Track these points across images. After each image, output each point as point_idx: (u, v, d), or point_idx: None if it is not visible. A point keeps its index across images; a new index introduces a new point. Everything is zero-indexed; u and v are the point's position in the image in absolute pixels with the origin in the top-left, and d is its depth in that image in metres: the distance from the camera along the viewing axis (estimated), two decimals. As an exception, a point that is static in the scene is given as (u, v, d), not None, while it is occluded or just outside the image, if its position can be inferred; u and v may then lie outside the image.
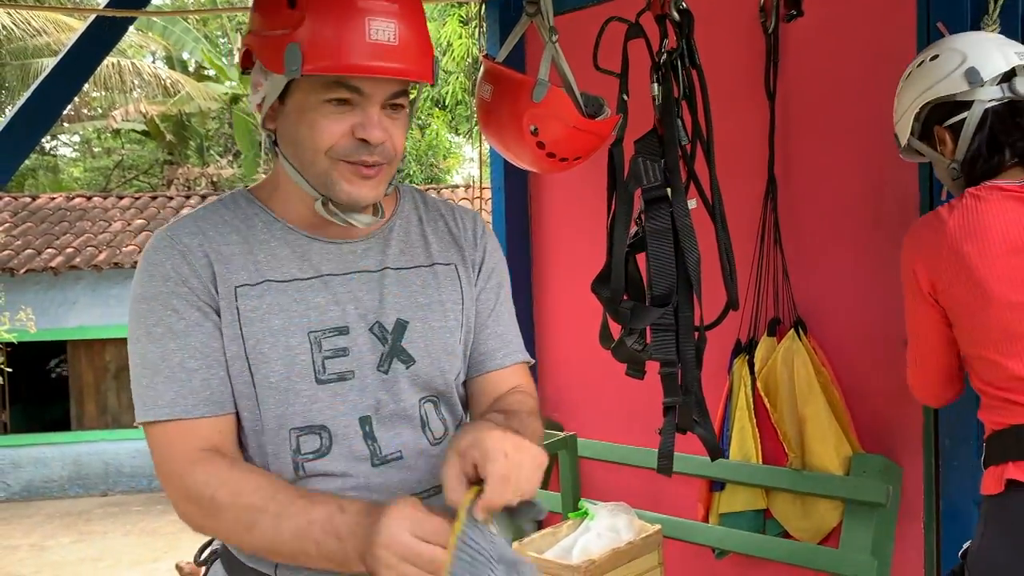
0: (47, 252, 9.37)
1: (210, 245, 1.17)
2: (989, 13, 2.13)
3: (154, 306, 1.15)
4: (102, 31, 2.84)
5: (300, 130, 1.15)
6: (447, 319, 1.26)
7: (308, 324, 1.17)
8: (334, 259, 1.22)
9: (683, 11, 1.98)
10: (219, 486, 1.10)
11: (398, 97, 1.16)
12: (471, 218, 1.38)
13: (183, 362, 1.13)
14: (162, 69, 14.39)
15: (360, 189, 1.16)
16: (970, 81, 1.69)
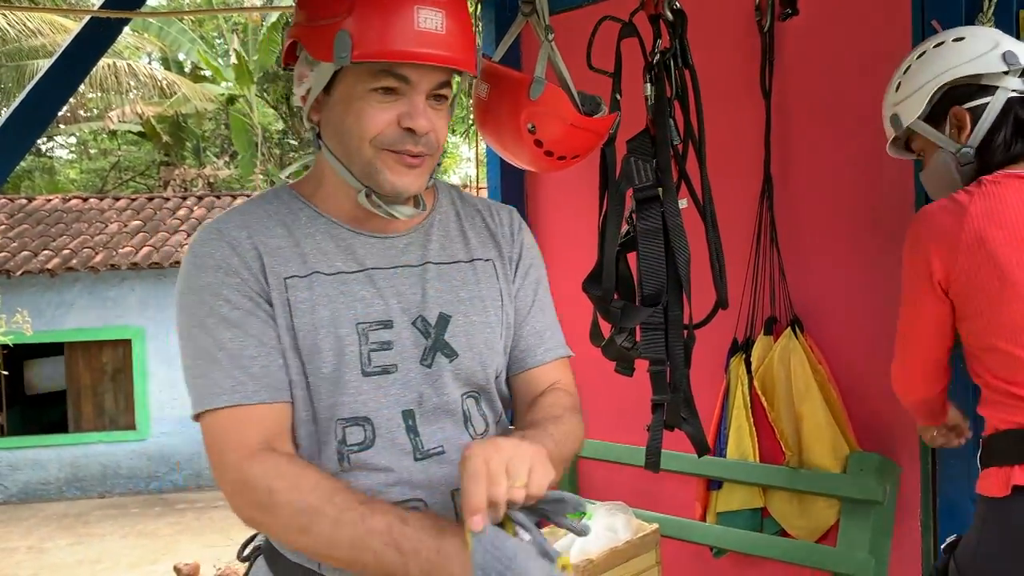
0: (43, 254, 9.35)
1: (257, 238, 1.18)
2: (984, 11, 2.13)
3: (204, 296, 1.14)
4: (97, 32, 2.83)
5: (346, 119, 1.16)
6: (487, 314, 1.27)
7: (355, 316, 1.17)
8: (378, 253, 1.22)
9: (676, 11, 1.98)
10: (276, 479, 1.08)
11: (442, 88, 1.17)
12: (508, 214, 1.38)
13: (241, 349, 1.13)
14: (158, 70, 14.38)
15: (403, 179, 1.17)
16: (1009, 64, 1.66)
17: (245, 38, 16.14)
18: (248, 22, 16.03)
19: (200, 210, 10.94)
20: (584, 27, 2.06)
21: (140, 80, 13.42)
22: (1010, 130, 1.65)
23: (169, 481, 9.80)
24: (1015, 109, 1.66)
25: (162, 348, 9.75)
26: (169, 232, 10.08)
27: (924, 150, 1.83)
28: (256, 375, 1.13)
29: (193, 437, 9.82)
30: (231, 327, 1.13)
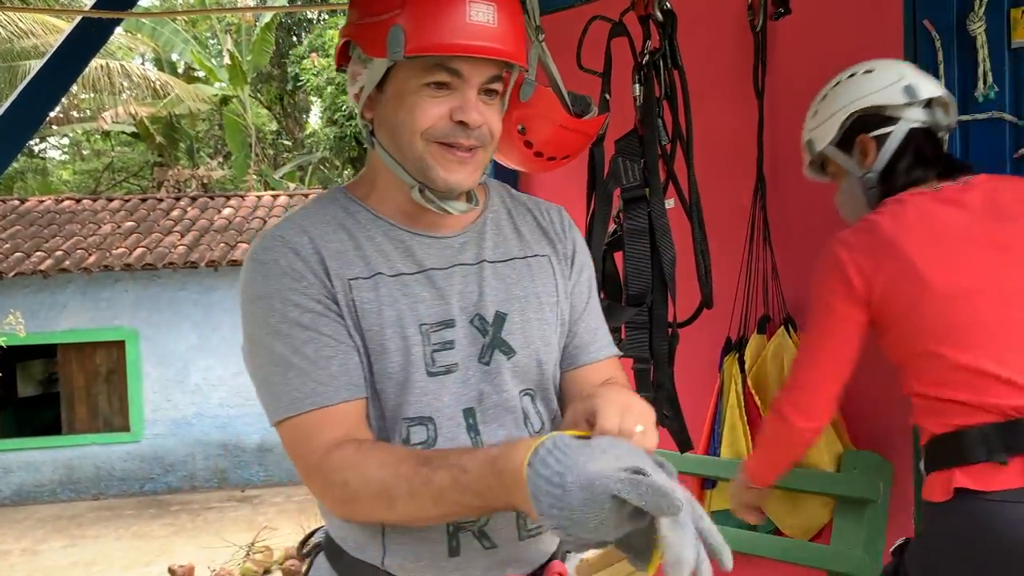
0: (36, 255, 9.32)
1: (318, 242, 1.18)
2: (975, 11, 2.14)
3: (274, 303, 1.15)
4: (88, 32, 2.83)
5: (398, 114, 1.16)
6: (543, 311, 1.27)
7: (418, 317, 1.18)
8: (435, 254, 1.23)
9: (667, 11, 1.99)
10: (348, 470, 1.09)
11: (494, 82, 1.17)
12: (557, 212, 1.38)
13: (318, 351, 1.14)
14: (151, 71, 14.36)
15: (455, 174, 1.17)
16: (909, 96, 1.80)
17: (239, 38, 16.12)
18: (241, 22, 16.00)
19: (194, 211, 10.91)
20: (574, 27, 2.06)
21: (133, 81, 13.39)
22: (910, 158, 1.78)
23: (163, 483, 9.78)
24: (916, 138, 1.79)
25: (156, 350, 9.73)
26: (163, 233, 10.05)
27: (836, 174, 1.94)
28: (335, 374, 1.14)
29: (187, 439, 9.81)
30: (305, 330, 1.14)
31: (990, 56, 2.13)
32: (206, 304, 9.77)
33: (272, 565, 6.90)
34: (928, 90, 1.82)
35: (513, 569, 1.20)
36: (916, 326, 1.64)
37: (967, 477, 1.55)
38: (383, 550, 1.18)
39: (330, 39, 15.51)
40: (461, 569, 1.17)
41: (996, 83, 2.14)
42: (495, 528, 1.18)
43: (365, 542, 1.19)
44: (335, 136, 15.19)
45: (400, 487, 1.06)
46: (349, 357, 1.15)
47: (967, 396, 1.58)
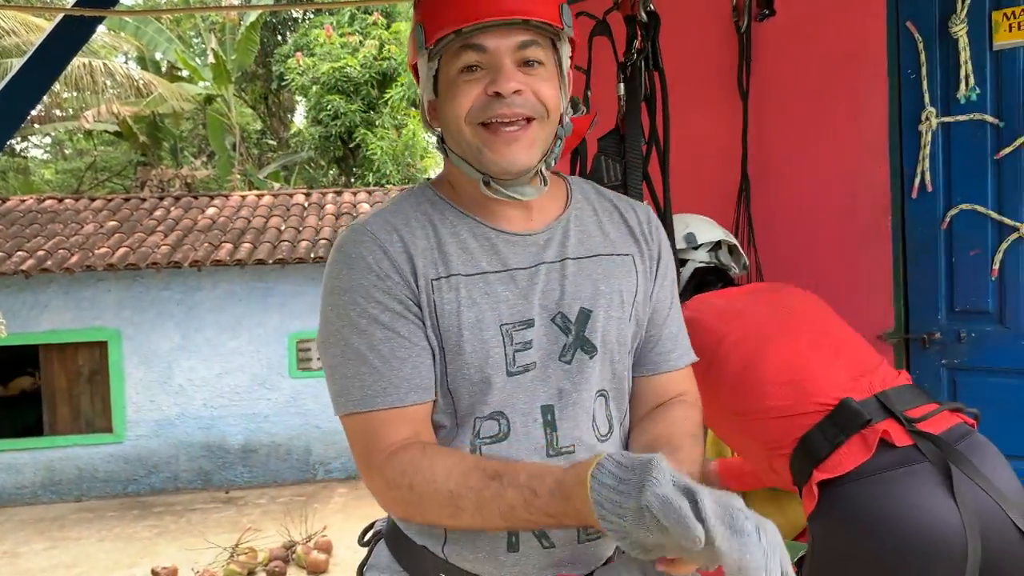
0: (18, 255, 9.23)
1: (407, 239, 1.18)
2: (957, 13, 2.15)
3: (356, 297, 1.15)
4: (70, 31, 2.80)
5: (447, 108, 1.16)
6: (624, 309, 1.25)
7: (499, 318, 1.17)
8: (520, 252, 1.21)
9: (650, 13, 1.99)
10: (414, 474, 1.10)
11: (528, 48, 1.14)
12: (644, 211, 1.35)
13: (393, 351, 1.14)
14: (135, 70, 14.26)
15: (506, 155, 1.14)
16: (688, 243, 2.09)
17: (223, 37, 16.04)
18: (226, 21, 15.92)
19: (177, 211, 10.84)
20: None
21: (116, 80, 13.29)
22: (691, 289, 2.08)
23: (146, 484, 9.71)
24: (698, 275, 2.10)
25: (139, 350, 9.65)
26: (146, 233, 9.97)
27: None
28: (407, 376, 1.15)
29: (171, 440, 9.75)
30: (383, 328, 1.14)
31: (972, 58, 2.15)
32: (189, 304, 9.71)
33: (256, 567, 6.87)
34: (707, 236, 2.11)
35: (569, 569, 1.20)
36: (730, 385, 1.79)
37: (824, 471, 1.62)
38: (444, 536, 1.19)
39: (315, 38, 15.45)
40: (519, 565, 1.18)
41: (978, 85, 2.16)
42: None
43: (429, 528, 1.20)
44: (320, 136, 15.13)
45: (468, 498, 1.07)
46: (422, 360, 1.16)
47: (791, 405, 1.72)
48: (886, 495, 1.53)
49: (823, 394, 1.69)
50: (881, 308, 2.34)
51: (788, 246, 2.50)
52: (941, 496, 1.49)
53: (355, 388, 1.15)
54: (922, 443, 1.56)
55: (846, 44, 2.37)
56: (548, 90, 1.16)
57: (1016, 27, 2.10)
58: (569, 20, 1.17)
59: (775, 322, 1.89)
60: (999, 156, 2.14)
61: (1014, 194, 2.13)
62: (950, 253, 2.25)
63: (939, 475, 1.51)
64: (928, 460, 1.54)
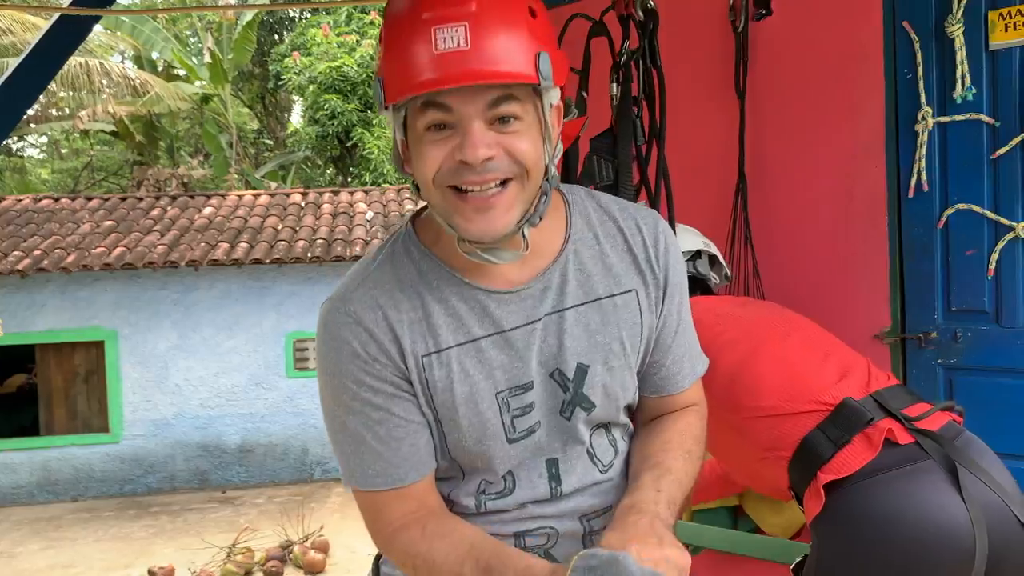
0: (14, 255, 9.22)
1: (391, 316, 1.13)
2: (953, 13, 2.16)
3: (346, 383, 1.13)
4: (67, 30, 2.80)
5: (415, 164, 1.08)
6: (625, 355, 1.20)
7: (494, 386, 1.14)
8: (514, 311, 1.14)
9: (649, 10, 1.99)
10: (415, 556, 1.12)
11: (502, 104, 1.02)
12: (651, 227, 1.23)
13: (389, 432, 1.13)
14: (131, 69, 14.23)
15: (477, 224, 1.05)
16: None
17: (220, 37, 16.02)
18: (223, 21, 15.90)
19: (174, 210, 10.83)
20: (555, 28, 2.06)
21: (112, 79, 13.26)
22: None
23: (143, 484, 9.69)
24: None
25: (135, 350, 9.65)
26: (142, 232, 9.96)
27: None
28: (406, 455, 1.14)
29: (167, 440, 9.74)
30: (377, 410, 1.13)
31: (968, 58, 2.16)
32: (186, 304, 9.70)
33: (253, 567, 6.86)
34: (685, 246, 2.04)
35: None
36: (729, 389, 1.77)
37: (830, 473, 1.60)
38: None
39: (311, 37, 15.44)
40: None
41: (974, 84, 2.16)
42: None
43: None
44: (317, 135, 15.13)
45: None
46: (419, 436, 1.15)
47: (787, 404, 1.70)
48: (894, 493, 1.53)
49: (820, 392, 1.69)
50: (877, 307, 2.35)
51: (785, 245, 2.50)
52: (948, 492, 1.49)
53: (356, 468, 1.16)
54: (924, 441, 1.56)
55: (843, 44, 2.38)
56: (525, 147, 1.04)
57: (1012, 27, 2.10)
58: (547, 68, 1.03)
59: (766, 323, 1.90)
60: (995, 156, 2.15)
61: (1010, 194, 2.14)
62: (946, 253, 2.25)
63: (944, 472, 1.51)
64: (932, 457, 1.54)
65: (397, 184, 13.99)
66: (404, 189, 12.12)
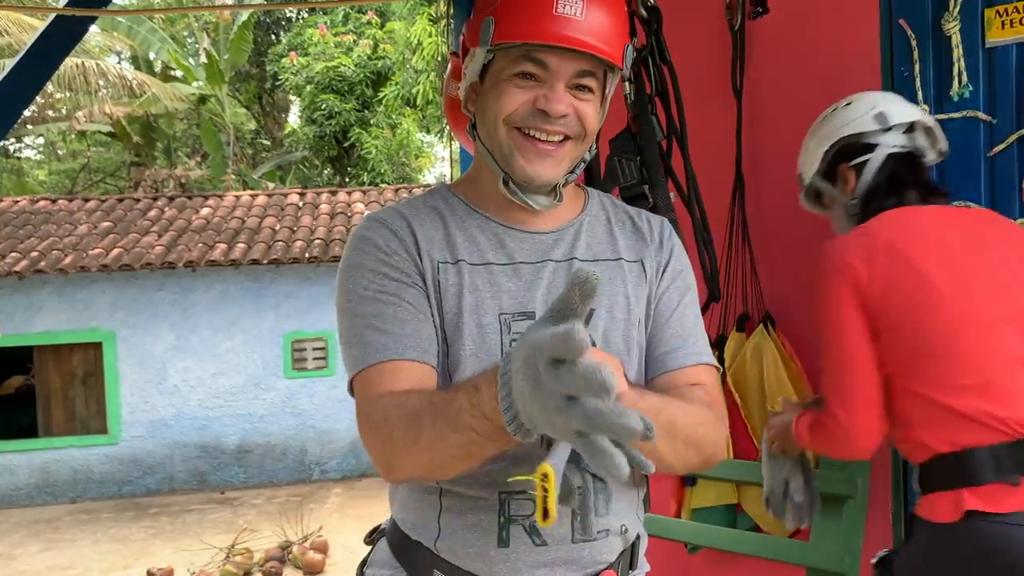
0: (11, 256, 9.21)
1: (415, 226, 1.23)
2: (949, 11, 2.16)
3: (364, 272, 1.20)
4: (63, 30, 2.79)
5: (488, 102, 1.20)
6: (629, 312, 1.26)
7: (499, 307, 1.20)
8: (527, 248, 1.25)
9: (651, 8, 1.99)
10: (391, 407, 1.11)
11: (585, 77, 1.18)
12: (659, 221, 1.38)
13: (395, 314, 1.17)
14: (128, 70, 14.22)
15: (536, 166, 1.19)
16: (879, 124, 1.83)
17: (216, 37, 16.01)
18: (219, 21, 15.89)
19: (171, 211, 10.82)
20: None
21: (109, 80, 13.25)
22: (886, 183, 1.80)
23: (142, 485, 9.69)
24: (892, 164, 1.81)
25: (133, 351, 9.64)
26: (140, 233, 9.96)
27: (828, 204, 1.98)
28: (408, 335, 1.16)
29: (166, 441, 9.74)
30: (389, 295, 1.18)
31: (965, 55, 2.16)
32: (184, 305, 9.70)
33: (252, 567, 6.86)
34: (901, 115, 1.84)
35: (564, 571, 1.19)
36: (918, 326, 1.60)
37: (977, 498, 1.51)
38: (438, 531, 1.20)
39: (309, 38, 15.43)
40: (509, 561, 1.18)
41: (971, 82, 2.16)
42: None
43: (423, 523, 1.22)
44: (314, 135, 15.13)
45: (427, 411, 1.06)
46: (424, 324, 1.19)
47: (975, 409, 1.53)
48: None
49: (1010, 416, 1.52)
50: (875, 305, 2.35)
51: (782, 243, 2.50)
52: None
53: (359, 351, 1.17)
54: None
55: (839, 41, 2.38)
56: (591, 117, 1.20)
57: (1009, 24, 2.10)
58: (628, 59, 1.23)
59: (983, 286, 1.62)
60: (992, 153, 2.14)
61: (1007, 190, 2.13)
62: (944, 250, 2.25)
63: None
64: None
65: (395, 184, 13.99)
66: (402, 189, 12.12)
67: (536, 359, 0.80)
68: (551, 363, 0.78)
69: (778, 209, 2.51)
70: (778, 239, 2.51)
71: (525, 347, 0.83)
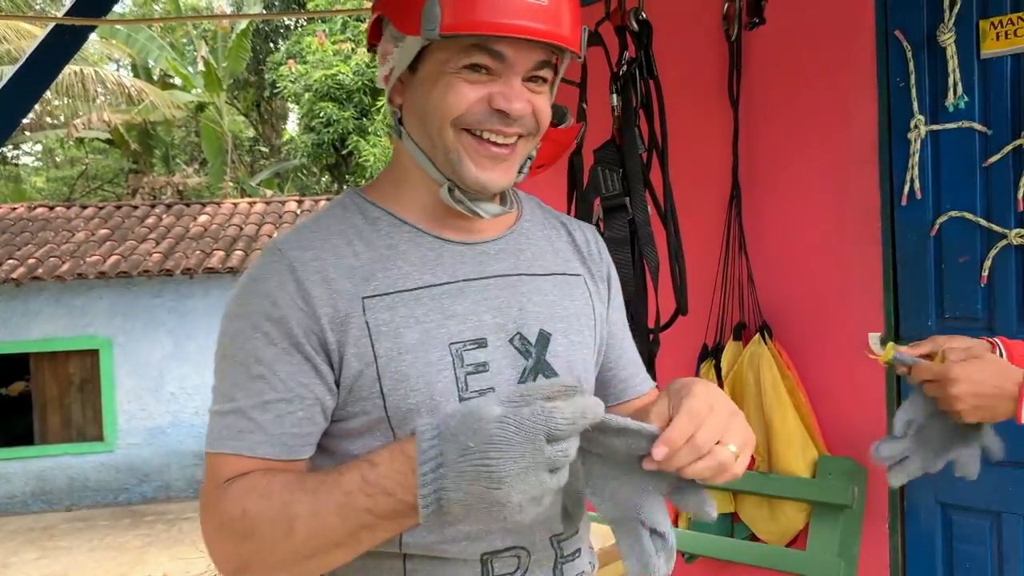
0: (8, 263, 9.20)
1: (325, 258, 1.02)
2: (945, 22, 2.17)
3: (244, 325, 1.01)
4: (62, 39, 2.80)
5: (430, 99, 1.01)
6: (583, 334, 1.14)
7: (448, 336, 1.02)
8: (469, 262, 1.08)
9: (642, 21, 2.00)
10: (247, 494, 0.95)
11: (542, 68, 1.02)
12: (592, 231, 1.26)
13: (262, 392, 0.99)
14: (126, 77, 14.23)
15: (488, 172, 1.02)
16: None
17: (215, 45, 16.03)
18: (218, 29, 15.92)
19: (169, 218, 10.82)
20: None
21: (107, 87, 13.26)
22: None
23: (138, 493, 9.66)
24: None
25: (130, 358, 9.62)
26: (138, 240, 9.95)
27: None
28: (265, 425, 0.98)
29: (162, 448, 9.70)
30: (260, 364, 0.99)
31: (960, 66, 2.17)
32: (181, 312, 9.68)
33: (249, 575, 6.84)
34: None
35: None
36: None
37: None
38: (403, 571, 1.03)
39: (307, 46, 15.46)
40: None
41: (966, 93, 2.17)
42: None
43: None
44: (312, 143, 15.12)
45: (303, 502, 0.92)
46: (292, 410, 0.99)
47: None
48: None
49: None
50: (871, 315, 2.35)
51: (779, 253, 2.51)
52: None
53: (216, 425, 1.00)
54: None
55: (835, 53, 2.39)
56: (546, 109, 1.06)
57: (1003, 36, 2.12)
58: (583, 46, 1.07)
59: None
60: (987, 163, 2.15)
61: (1002, 201, 2.14)
62: (939, 260, 2.26)
63: None
64: None
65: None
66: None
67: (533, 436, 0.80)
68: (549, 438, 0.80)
69: (774, 218, 2.52)
70: (775, 248, 2.52)
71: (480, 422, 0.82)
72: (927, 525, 2.28)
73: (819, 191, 2.43)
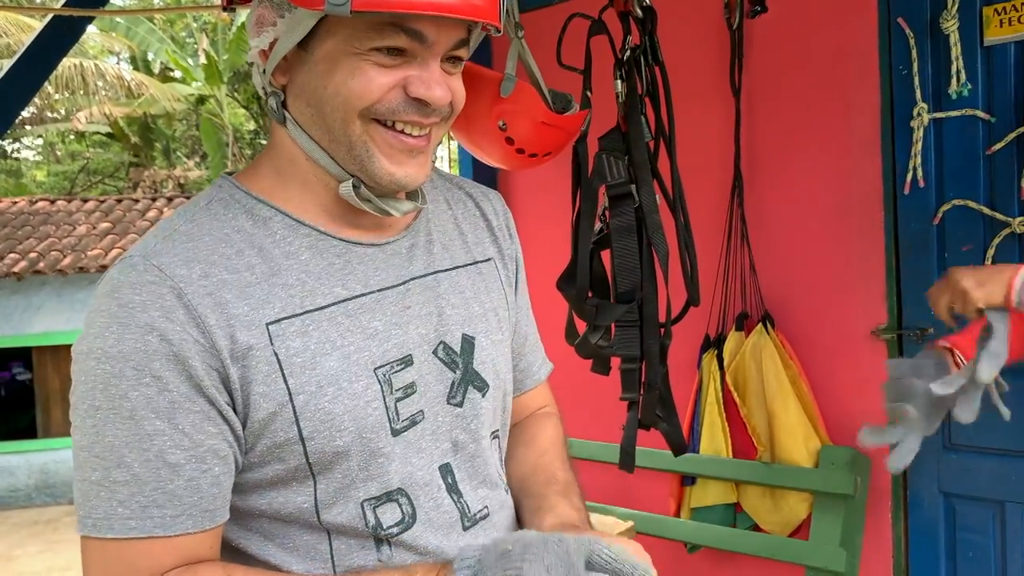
0: (10, 257, 9.20)
1: (216, 274, 0.84)
2: (948, 9, 2.16)
3: (123, 368, 0.79)
4: (60, 31, 2.79)
5: (330, 84, 0.84)
6: (502, 331, 1.03)
7: (371, 359, 0.88)
8: (382, 267, 0.93)
9: (646, 8, 1.98)
10: None
11: (461, 47, 0.88)
12: (497, 198, 1.13)
13: (164, 453, 0.80)
14: (126, 71, 14.22)
15: (406, 168, 0.88)
16: None
17: (215, 37, 16.00)
18: (218, 21, 15.88)
19: (170, 212, 10.80)
20: (554, 25, 2.06)
21: (107, 81, 13.25)
22: None
23: (141, 486, 9.70)
24: None
25: (133, 351, 9.64)
26: (139, 234, 9.95)
27: None
28: (178, 493, 0.80)
29: (165, 441, 9.74)
30: (157, 417, 0.79)
31: (963, 54, 2.16)
32: (183, 305, 9.70)
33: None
34: None
35: None
36: None
37: None
38: None
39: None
40: None
41: (969, 80, 2.16)
42: None
43: None
44: (313, 136, 15.11)
45: None
46: (205, 470, 0.82)
47: None
48: None
49: None
50: (874, 303, 2.35)
51: (781, 242, 2.50)
52: None
53: (102, 501, 0.80)
54: None
55: (838, 40, 2.38)
56: (462, 92, 0.91)
57: (1007, 22, 2.10)
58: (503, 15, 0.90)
59: None
60: (991, 151, 2.15)
61: (1006, 189, 2.14)
62: (943, 248, 2.25)
63: None
64: None
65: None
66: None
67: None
68: None
69: (776, 208, 2.51)
70: (777, 238, 2.51)
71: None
72: (930, 514, 2.28)
73: (821, 180, 2.42)
